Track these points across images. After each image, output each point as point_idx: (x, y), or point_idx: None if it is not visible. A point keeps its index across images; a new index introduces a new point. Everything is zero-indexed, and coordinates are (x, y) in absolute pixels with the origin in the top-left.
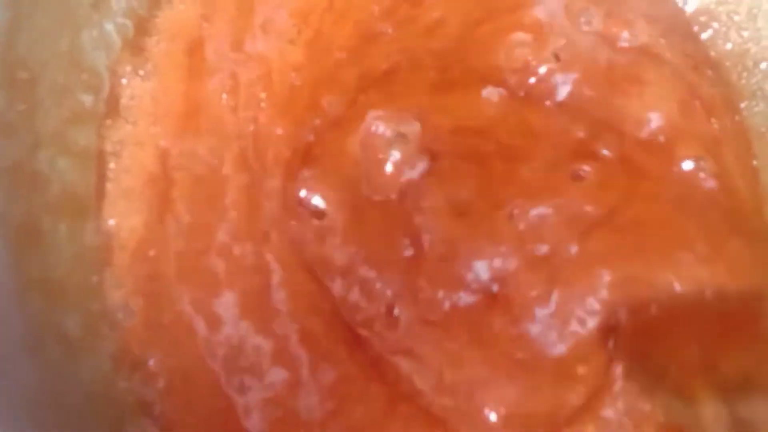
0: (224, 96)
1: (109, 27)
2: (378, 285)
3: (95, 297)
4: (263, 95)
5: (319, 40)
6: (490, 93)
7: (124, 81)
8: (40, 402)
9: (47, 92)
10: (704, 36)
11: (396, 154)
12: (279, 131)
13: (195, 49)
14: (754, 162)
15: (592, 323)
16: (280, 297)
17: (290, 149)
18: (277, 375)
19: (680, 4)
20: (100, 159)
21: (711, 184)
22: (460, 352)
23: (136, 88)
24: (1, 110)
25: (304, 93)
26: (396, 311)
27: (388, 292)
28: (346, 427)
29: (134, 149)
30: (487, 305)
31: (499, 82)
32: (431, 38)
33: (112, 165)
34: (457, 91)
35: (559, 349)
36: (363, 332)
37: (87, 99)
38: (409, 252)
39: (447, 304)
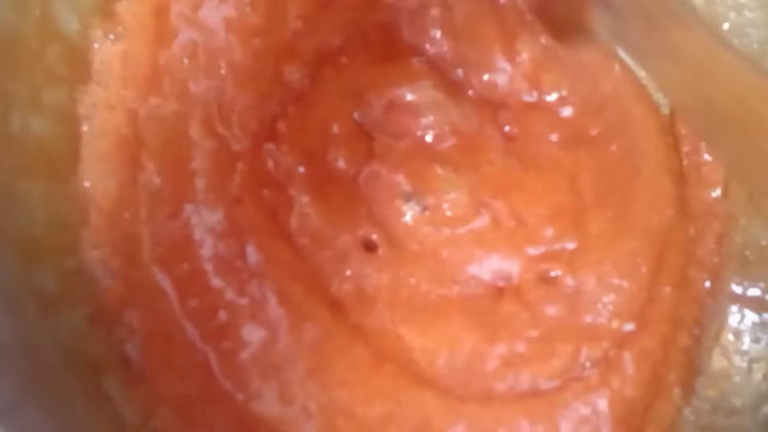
0: (185, 61)
1: None
2: (348, 271)
3: (72, 257)
4: (223, 63)
5: (277, 5)
6: (419, 66)
7: (96, 45)
8: (16, 358)
9: (20, 56)
10: None
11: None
12: (243, 100)
13: (161, 12)
14: None
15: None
16: (255, 260)
17: (256, 120)
18: (255, 333)
19: None
20: (73, 122)
21: None
22: (458, 333)
23: (107, 53)
24: None
25: (266, 62)
26: (373, 297)
27: (362, 279)
28: (327, 384)
29: (106, 112)
30: (493, 296)
31: (422, 54)
32: (378, 9)
33: (85, 128)
34: (396, 66)
35: (588, 319)
36: (345, 302)
37: (59, 63)
38: (381, 246)
39: (434, 296)
